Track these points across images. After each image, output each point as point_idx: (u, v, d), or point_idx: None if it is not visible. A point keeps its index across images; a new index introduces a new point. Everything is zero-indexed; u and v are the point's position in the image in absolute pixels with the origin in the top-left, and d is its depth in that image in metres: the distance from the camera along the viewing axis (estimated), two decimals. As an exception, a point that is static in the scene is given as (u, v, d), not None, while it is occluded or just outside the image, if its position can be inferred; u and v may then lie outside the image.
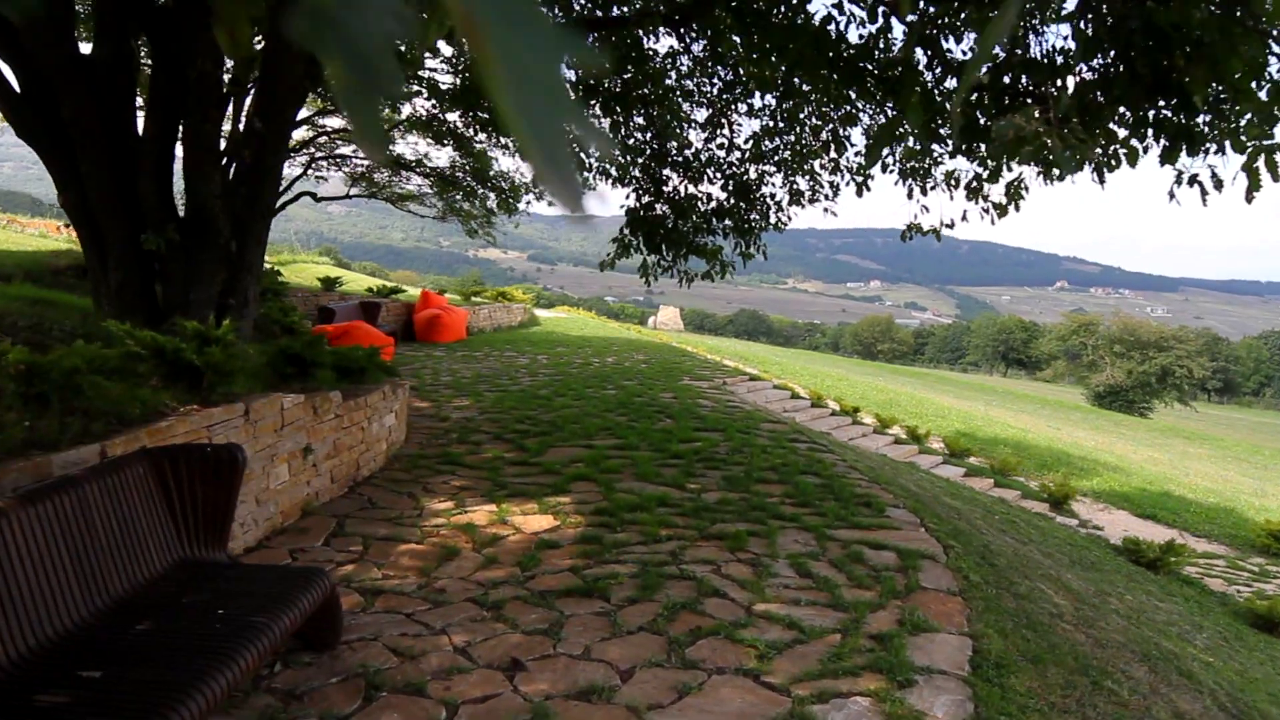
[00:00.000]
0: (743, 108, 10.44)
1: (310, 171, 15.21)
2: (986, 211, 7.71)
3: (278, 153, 6.96)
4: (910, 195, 8.69)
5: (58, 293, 8.14)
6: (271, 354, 5.90)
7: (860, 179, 9.41)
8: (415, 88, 13.21)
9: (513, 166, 14.63)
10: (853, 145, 9.41)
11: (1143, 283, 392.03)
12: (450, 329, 17.68)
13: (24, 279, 8.68)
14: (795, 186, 10.57)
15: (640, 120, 10.38)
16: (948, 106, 6.82)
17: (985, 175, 7.41)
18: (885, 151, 8.92)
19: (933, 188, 8.77)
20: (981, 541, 6.13)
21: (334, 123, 15.06)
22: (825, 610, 4.26)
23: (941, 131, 7.30)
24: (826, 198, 10.51)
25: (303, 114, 14.23)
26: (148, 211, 6.14)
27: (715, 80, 10.40)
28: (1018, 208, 7.23)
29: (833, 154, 9.80)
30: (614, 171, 10.43)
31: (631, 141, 10.48)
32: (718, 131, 10.49)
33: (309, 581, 3.24)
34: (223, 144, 6.82)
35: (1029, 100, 5.78)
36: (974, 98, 5.43)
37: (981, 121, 6.08)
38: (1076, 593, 5.77)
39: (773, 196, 10.53)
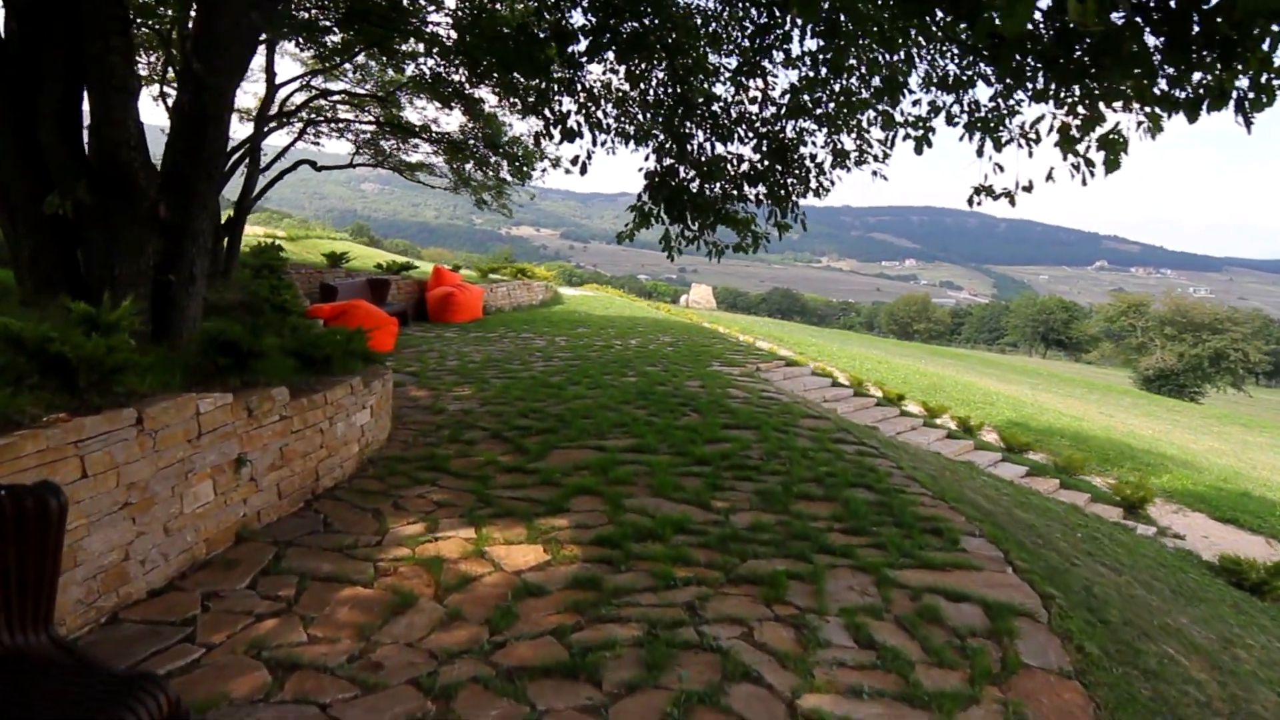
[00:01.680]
0: (778, 56, 9.09)
1: (306, 139, 14.14)
2: (1078, 169, 6.37)
3: (221, 98, 5.83)
4: (980, 152, 7.36)
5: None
6: (201, 343, 4.81)
7: (920, 132, 8.02)
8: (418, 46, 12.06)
9: (526, 131, 13.44)
10: (910, 93, 8.06)
11: (1185, 262, 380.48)
12: (465, 308, 16.60)
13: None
14: (839, 145, 9.25)
15: (662, 74, 9.10)
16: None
17: (1079, 123, 6.07)
18: (951, 100, 7.60)
19: (1007, 142, 7.42)
20: (1081, 582, 4.90)
21: (335, 85, 13.94)
22: (898, 706, 3.08)
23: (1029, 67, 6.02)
24: (876, 159, 9.17)
25: (295, 72, 13.14)
26: (53, 167, 5.07)
27: (747, 24, 9.09)
28: (1116, 163, 5.91)
29: (885, 104, 8.42)
30: (632, 131, 9.16)
31: (651, 96, 9.22)
32: (750, 83, 9.17)
33: (126, 703, 2.13)
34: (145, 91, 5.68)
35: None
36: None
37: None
38: (1208, 653, 4.52)
39: (813, 158, 9.23)
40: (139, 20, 11.41)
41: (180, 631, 3.53)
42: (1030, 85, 6.58)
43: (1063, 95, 6.14)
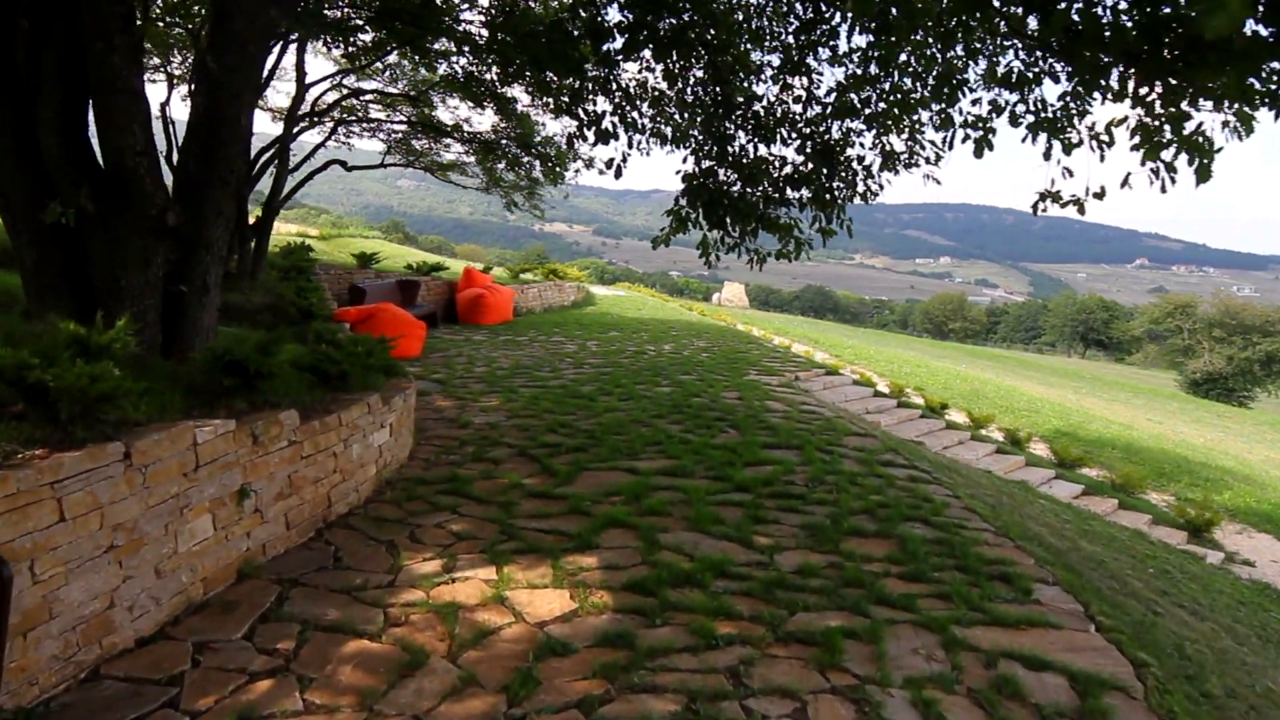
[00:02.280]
0: (824, 53, 8.59)
1: (336, 138, 13.88)
2: (1157, 174, 5.82)
3: (238, 99, 5.49)
4: (1048, 155, 6.81)
5: (8, 273, 6.87)
6: (206, 362, 4.46)
7: (980, 132, 7.46)
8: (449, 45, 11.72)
9: (559, 131, 13.06)
10: (970, 92, 7.52)
11: (1229, 260, 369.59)
12: (495, 310, 16.29)
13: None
14: (888, 147, 8.72)
15: (700, 73, 8.64)
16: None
17: (1162, 124, 5.52)
18: (1015, 98, 7.07)
19: (1076, 145, 6.85)
20: (1171, 639, 4.38)
21: (366, 85, 13.65)
22: (983, 816, 2.62)
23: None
24: (928, 161, 8.62)
25: (326, 70, 12.87)
26: (54, 173, 4.74)
27: (791, 19, 8.60)
28: (1208, 173, 5.34)
29: (943, 103, 7.86)
30: (668, 132, 8.71)
31: (690, 96, 8.76)
32: (794, 81, 8.67)
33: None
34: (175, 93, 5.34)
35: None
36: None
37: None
38: (1321, 726, 3.99)
39: (860, 160, 8.70)
40: (168, 19, 11.20)
41: (165, 693, 3.16)
42: (1105, 83, 6.04)
43: (1143, 93, 5.60)
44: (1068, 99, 6.93)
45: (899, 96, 8.17)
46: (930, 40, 7.54)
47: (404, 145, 14.94)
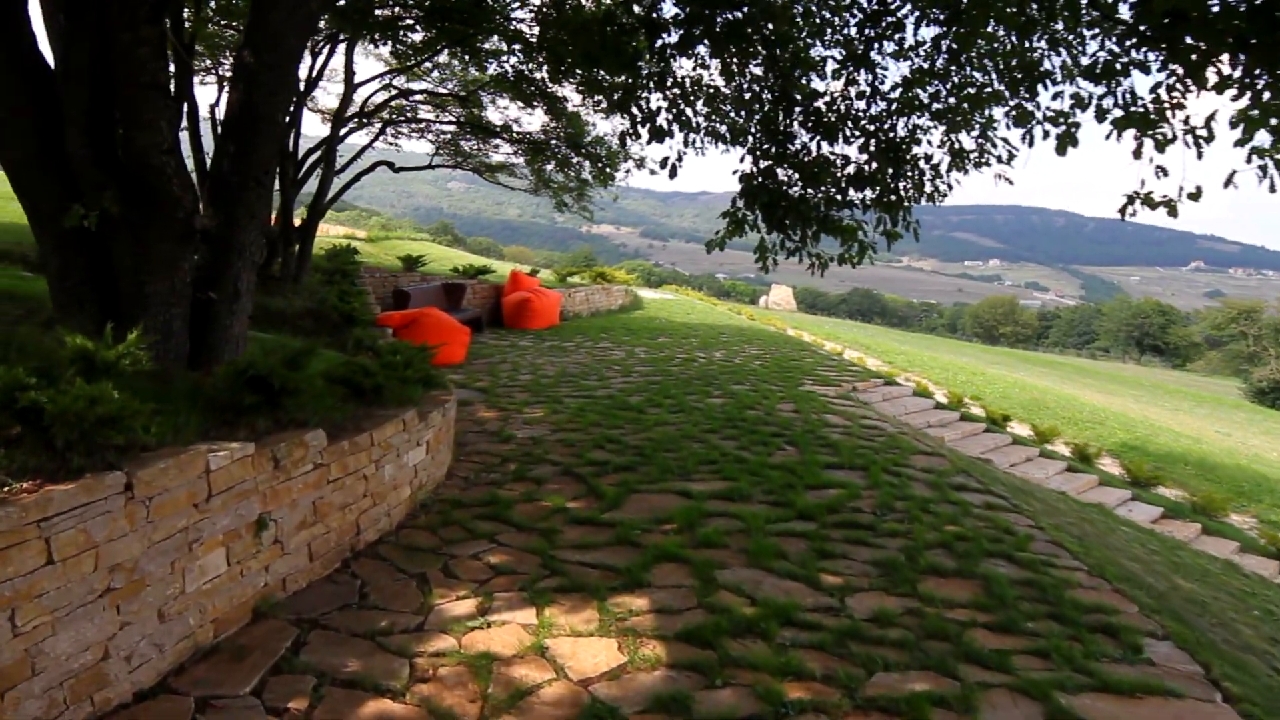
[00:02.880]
0: (889, 46, 8.04)
1: (385, 139, 13.66)
2: (1265, 171, 5.20)
3: (275, 96, 5.16)
4: (1139, 153, 6.17)
5: (40, 278, 6.67)
6: (227, 377, 4.11)
7: (1061, 128, 6.81)
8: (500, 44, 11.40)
9: (609, 131, 12.66)
10: (1054, 84, 6.92)
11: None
12: (541, 314, 15.96)
13: (17, 259, 7.31)
14: (957, 145, 8.12)
15: (758, 69, 8.17)
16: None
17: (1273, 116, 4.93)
18: (1101, 91, 6.46)
19: (1170, 141, 6.20)
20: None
21: (415, 85, 13.41)
22: None
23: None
24: (1000, 160, 7.99)
25: (375, 70, 12.64)
26: (79, 174, 4.45)
27: (855, 11, 8.06)
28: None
29: (1020, 97, 7.26)
30: (724, 130, 8.24)
31: (748, 92, 8.30)
32: (857, 75, 8.12)
33: None
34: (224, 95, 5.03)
35: None
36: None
37: None
38: None
39: (928, 159, 8.11)
40: (223, 21, 11.04)
41: (161, 760, 2.80)
42: (1207, 73, 5.43)
43: (1249, 81, 5.00)
44: (1161, 91, 6.29)
45: (971, 91, 7.59)
46: (1005, 29, 6.98)
47: (452, 146, 14.69)
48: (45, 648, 2.78)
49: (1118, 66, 6.48)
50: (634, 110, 7.26)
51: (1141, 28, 5.65)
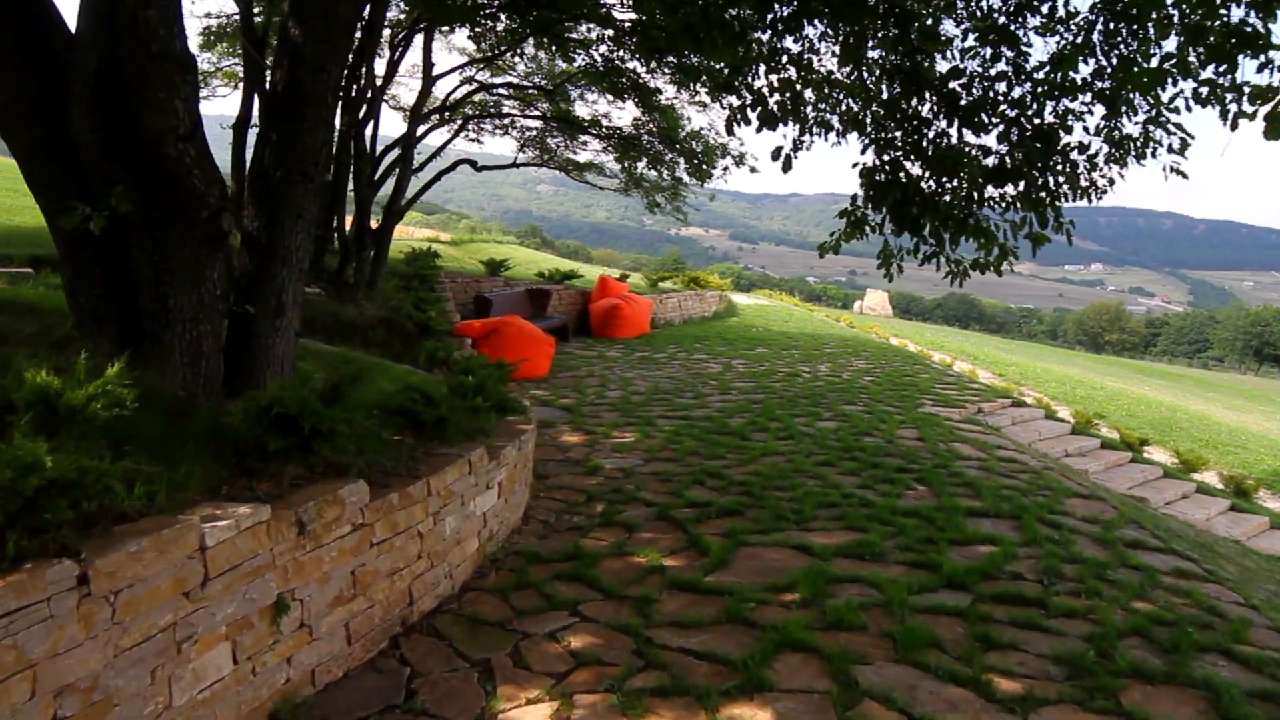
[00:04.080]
0: (1034, 20, 6.81)
1: (467, 135, 13.02)
2: None
3: (323, 73, 4.38)
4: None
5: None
6: (246, 417, 3.30)
7: (1269, 106, 5.46)
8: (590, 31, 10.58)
9: (707, 124, 11.69)
10: (1259, 54, 5.59)
11: None
12: (631, 322, 15.08)
13: (28, 262, 6.84)
14: (1118, 133, 6.81)
15: (874, 53, 7.07)
16: None
17: None
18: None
19: None
20: None
21: (497, 79, 12.72)
22: None
23: None
24: (1171, 150, 6.64)
25: (454, 63, 11.99)
26: (87, 164, 3.73)
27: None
28: None
29: (1216, 73, 5.94)
30: (834, 118, 7.17)
31: (870, 74, 7.20)
32: (1001, 51, 6.91)
33: None
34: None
35: None
36: None
37: None
38: None
39: (1082, 148, 6.83)
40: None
41: None
42: None
43: None
44: None
45: (1137, 69, 6.29)
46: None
47: (538, 143, 13.97)
48: (-55, 820, 1.98)
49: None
50: (744, 90, 6.27)
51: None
